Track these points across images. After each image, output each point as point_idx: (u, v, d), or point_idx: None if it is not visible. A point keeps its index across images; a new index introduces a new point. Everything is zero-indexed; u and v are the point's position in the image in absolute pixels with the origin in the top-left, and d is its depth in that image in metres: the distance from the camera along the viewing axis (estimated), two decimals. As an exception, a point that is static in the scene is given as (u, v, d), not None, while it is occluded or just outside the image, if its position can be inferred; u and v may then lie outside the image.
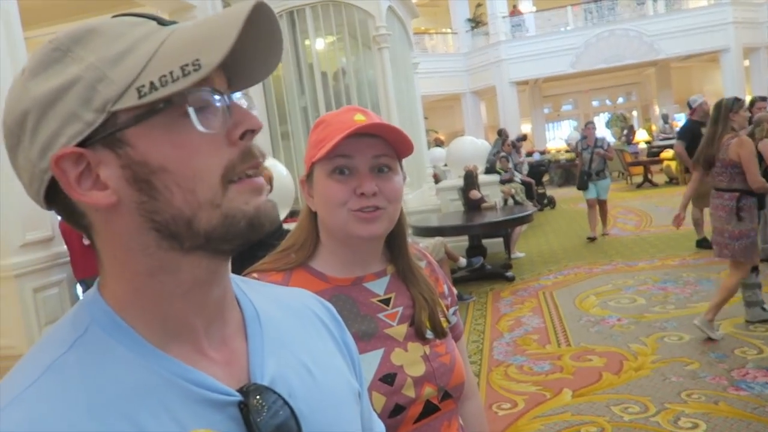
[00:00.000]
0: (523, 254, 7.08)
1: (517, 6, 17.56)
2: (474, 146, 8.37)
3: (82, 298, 0.54)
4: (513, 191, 8.18)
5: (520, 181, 9.01)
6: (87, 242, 0.53)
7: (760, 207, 3.71)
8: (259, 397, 0.52)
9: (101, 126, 0.47)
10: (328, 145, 0.90)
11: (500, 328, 4.51)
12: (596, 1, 16.30)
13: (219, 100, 0.50)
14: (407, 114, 7.26)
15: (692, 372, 3.28)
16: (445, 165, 10.24)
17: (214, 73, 0.50)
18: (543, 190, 11.87)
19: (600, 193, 7.47)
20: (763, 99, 5.97)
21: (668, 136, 14.23)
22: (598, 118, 20.83)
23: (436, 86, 16.48)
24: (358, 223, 0.93)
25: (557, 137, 21.12)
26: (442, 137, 16.70)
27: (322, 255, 1.00)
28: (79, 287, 4.05)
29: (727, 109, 3.74)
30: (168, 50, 0.47)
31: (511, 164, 8.85)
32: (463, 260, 5.96)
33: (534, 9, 17.62)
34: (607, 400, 3.08)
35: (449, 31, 18.29)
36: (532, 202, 8.75)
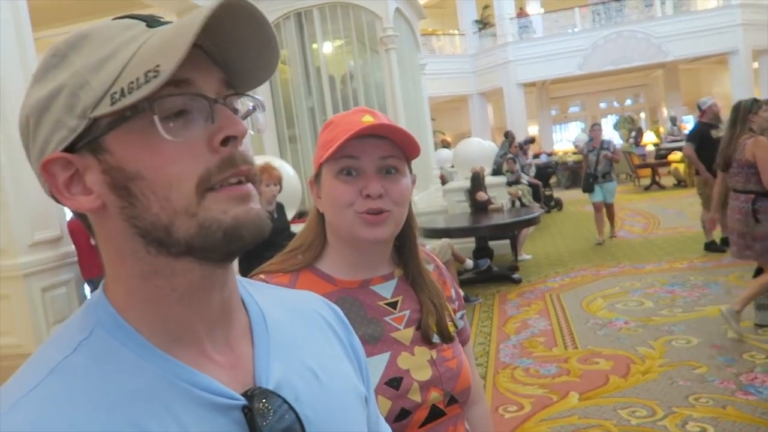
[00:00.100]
0: (529, 256, 7.05)
1: (524, 7, 17.54)
2: (481, 148, 8.36)
3: (88, 299, 0.54)
4: (520, 193, 8.16)
5: (527, 183, 9.00)
6: (94, 242, 0.54)
7: None
8: (264, 401, 0.51)
9: (84, 132, 0.48)
10: (335, 146, 0.89)
11: (507, 331, 4.50)
12: (604, 3, 16.25)
13: (198, 106, 0.48)
14: (414, 115, 7.26)
15: (700, 376, 3.26)
16: (452, 166, 10.22)
17: (201, 75, 0.49)
18: (550, 192, 11.83)
19: (606, 197, 7.35)
20: None
21: (676, 138, 14.16)
22: (606, 120, 20.78)
23: (443, 87, 16.49)
24: (364, 226, 0.92)
25: (564, 139, 21.09)
26: (449, 139, 16.71)
27: (330, 256, 1.00)
28: (87, 287, 4.07)
29: (746, 111, 3.75)
30: (142, 55, 0.47)
31: (518, 166, 8.82)
32: (470, 262, 5.95)
33: (541, 10, 17.58)
34: (615, 404, 3.06)
35: (456, 32, 18.29)
36: (539, 204, 8.72)
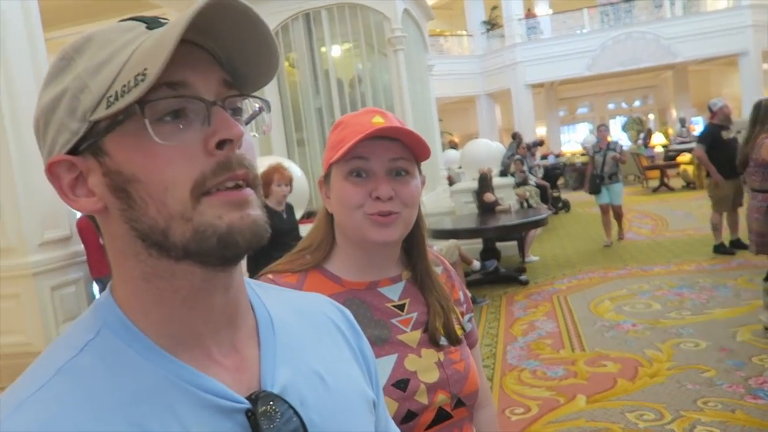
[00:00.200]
0: (537, 258, 7.03)
1: (532, 8, 17.50)
2: (488, 149, 8.35)
3: (96, 299, 0.54)
4: (527, 194, 8.13)
5: (534, 184, 8.97)
6: (102, 242, 0.54)
7: None
8: (268, 405, 0.51)
9: (86, 135, 0.48)
10: (345, 147, 0.89)
11: (514, 332, 4.48)
12: (613, 4, 16.18)
13: (194, 108, 0.48)
14: (422, 116, 7.26)
15: (709, 379, 3.24)
16: (460, 167, 10.22)
17: (198, 76, 0.49)
18: (558, 194, 11.80)
19: (613, 198, 7.25)
20: None
21: (685, 139, 14.08)
22: (614, 122, 20.68)
23: (451, 88, 16.46)
24: (373, 228, 0.91)
25: (572, 140, 21.01)
26: (457, 139, 16.70)
27: (338, 257, 1.00)
28: (96, 286, 4.10)
29: (766, 110, 3.75)
30: (136, 58, 0.47)
31: (525, 167, 8.80)
32: (477, 263, 5.94)
33: (550, 11, 17.54)
34: (622, 407, 3.04)
35: (464, 33, 18.27)
36: (547, 206, 8.69)
